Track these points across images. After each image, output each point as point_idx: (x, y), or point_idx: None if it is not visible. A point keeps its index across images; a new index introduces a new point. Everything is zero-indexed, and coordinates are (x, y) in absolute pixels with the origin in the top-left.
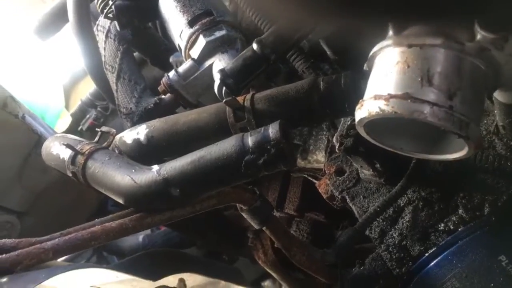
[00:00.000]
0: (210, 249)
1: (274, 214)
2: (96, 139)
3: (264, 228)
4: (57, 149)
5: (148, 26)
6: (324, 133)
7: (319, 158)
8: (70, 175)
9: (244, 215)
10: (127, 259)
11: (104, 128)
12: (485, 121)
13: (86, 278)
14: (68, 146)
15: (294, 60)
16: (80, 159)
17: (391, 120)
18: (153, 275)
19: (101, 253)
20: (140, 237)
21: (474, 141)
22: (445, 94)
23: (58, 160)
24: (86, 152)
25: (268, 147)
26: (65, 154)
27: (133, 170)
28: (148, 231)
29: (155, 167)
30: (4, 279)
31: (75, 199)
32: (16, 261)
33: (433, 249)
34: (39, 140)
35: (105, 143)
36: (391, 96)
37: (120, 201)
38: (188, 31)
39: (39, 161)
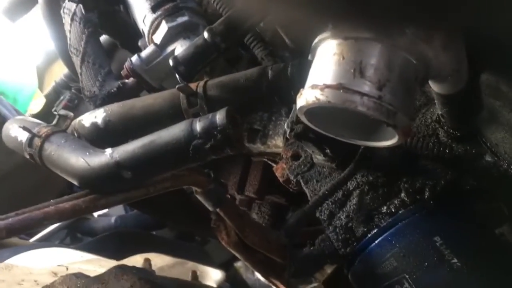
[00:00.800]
0: (181, 230)
1: (229, 196)
2: (54, 122)
3: (218, 210)
4: (15, 132)
5: (118, 9)
6: (283, 119)
7: (278, 143)
8: (28, 157)
9: (199, 197)
10: (93, 240)
11: (62, 112)
12: (431, 110)
13: (53, 257)
14: (25, 128)
15: (253, 47)
16: (37, 141)
17: (330, 109)
18: (118, 255)
19: (75, 234)
20: (113, 218)
21: (402, 129)
22: (375, 85)
23: (16, 142)
24: (43, 135)
25: (215, 132)
26: (23, 136)
27: (87, 153)
28: (121, 212)
29: (108, 150)
30: None
31: (42, 181)
32: None
33: (375, 231)
34: (3, 122)
35: (63, 126)
36: (326, 86)
37: (75, 182)
38: (151, 16)
39: (4, 144)
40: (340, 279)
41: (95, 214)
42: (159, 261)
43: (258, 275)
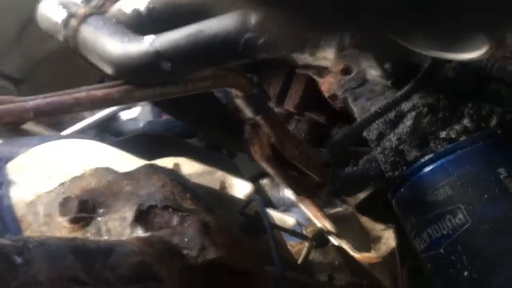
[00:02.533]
0: (210, 139)
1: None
2: (93, 3)
3: (259, 118)
4: (51, 11)
5: None
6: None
7: (327, 55)
8: (62, 39)
9: (239, 102)
10: (122, 138)
11: None
12: None
13: (82, 150)
14: (63, 7)
15: None
16: (73, 22)
17: None
18: (148, 156)
19: (103, 134)
20: (141, 122)
21: (496, 39)
22: None
23: (51, 23)
24: (81, 15)
25: (271, 26)
26: (59, 16)
27: (126, 39)
28: (150, 118)
29: (149, 38)
30: None
31: (75, 73)
32: None
33: (431, 156)
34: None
35: (102, 9)
36: None
37: (109, 71)
38: None
39: (39, 29)
40: (373, 205)
41: (124, 117)
42: (188, 168)
43: (283, 193)
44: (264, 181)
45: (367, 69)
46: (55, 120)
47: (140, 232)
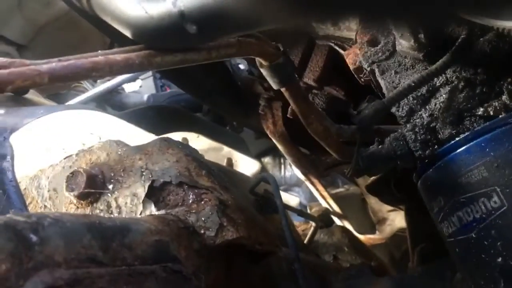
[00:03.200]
0: (217, 113)
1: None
2: None
3: (283, 90)
4: None
5: None
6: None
7: (351, 25)
8: None
9: (264, 71)
10: (131, 110)
11: None
12: None
13: (86, 122)
14: None
15: None
16: None
17: None
18: (156, 129)
19: (105, 107)
20: (145, 96)
21: None
22: None
23: None
24: None
25: None
26: None
27: None
28: (153, 91)
29: None
30: (1, 111)
31: (79, 40)
32: (7, 80)
33: (466, 134)
34: None
35: None
36: None
37: (128, 34)
38: None
39: None
40: (385, 186)
41: (126, 89)
42: (194, 143)
43: (284, 173)
44: (266, 160)
45: (398, 40)
46: (54, 90)
47: (153, 210)
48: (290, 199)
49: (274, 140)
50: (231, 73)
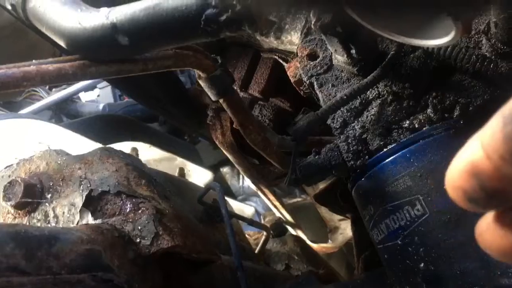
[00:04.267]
0: (171, 125)
1: (236, 90)
2: None
3: (221, 101)
4: None
5: None
6: (304, 12)
7: (293, 39)
8: (9, 7)
9: (202, 83)
10: (78, 120)
11: None
12: (476, 21)
13: (35, 131)
14: None
15: None
16: None
17: None
18: (104, 139)
19: (60, 116)
20: (101, 105)
21: (463, 22)
22: None
23: None
24: None
25: (234, 2)
26: None
27: (79, 10)
28: (110, 100)
29: (104, 10)
30: None
31: (28, 48)
32: None
33: (393, 145)
34: None
35: None
36: None
37: (62, 44)
38: None
39: None
40: (332, 195)
41: (83, 99)
42: (146, 154)
43: (242, 183)
44: (225, 170)
45: (333, 55)
46: (9, 98)
47: (90, 219)
48: (245, 208)
49: (223, 150)
50: (183, 83)
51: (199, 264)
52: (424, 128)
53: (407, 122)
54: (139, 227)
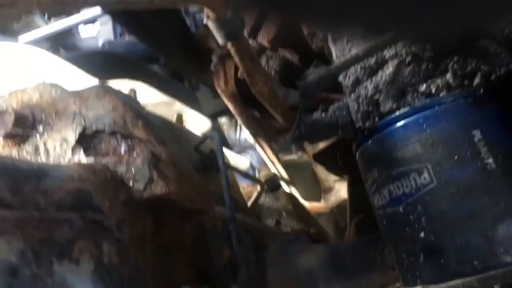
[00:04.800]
0: (172, 67)
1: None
2: None
3: (229, 46)
4: None
5: None
6: None
7: None
8: None
9: (210, 24)
10: (80, 54)
11: None
12: None
13: (32, 60)
14: None
15: None
16: None
17: None
18: (102, 74)
19: (58, 48)
20: (100, 41)
21: None
22: None
23: None
24: None
25: None
26: None
27: None
28: (110, 37)
29: None
30: None
31: None
32: None
33: (406, 109)
34: None
35: None
36: None
37: None
38: None
39: None
40: (331, 155)
41: (82, 35)
42: (144, 97)
43: (240, 135)
44: (223, 120)
45: None
46: (4, 24)
47: (82, 157)
48: (241, 160)
49: (224, 100)
50: (188, 25)
51: (192, 213)
52: (441, 94)
53: (424, 86)
54: (133, 170)
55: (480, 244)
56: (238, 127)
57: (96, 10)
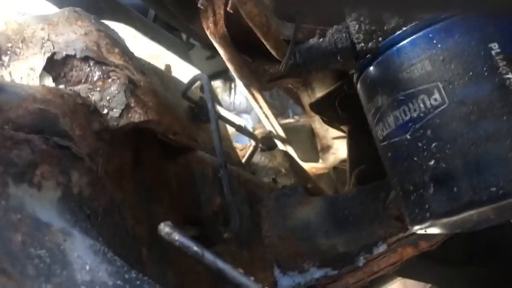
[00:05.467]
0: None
1: None
2: None
3: None
4: None
5: None
6: None
7: None
8: None
9: None
10: None
11: None
12: None
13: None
14: None
15: None
16: None
17: None
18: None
19: None
20: None
21: None
22: None
23: None
24: None
25: None
26: None
27: None
28: None
29: None
30: None
31: None
32: None
33: (413, 24)
34: None
35: None
36: None
37: None
38: None
39: None
40: (330, 103)
41: None
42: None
43: (234, 98)
44: (216, 83)
45: None
46: None
47: (51, 86)
48: (235, 119)
49: (214, 43)
50: None
51: (176, 152)
52: None
53: None
54: (108, 98)
55: (497, 168)
56: (233, 91)
57: None
